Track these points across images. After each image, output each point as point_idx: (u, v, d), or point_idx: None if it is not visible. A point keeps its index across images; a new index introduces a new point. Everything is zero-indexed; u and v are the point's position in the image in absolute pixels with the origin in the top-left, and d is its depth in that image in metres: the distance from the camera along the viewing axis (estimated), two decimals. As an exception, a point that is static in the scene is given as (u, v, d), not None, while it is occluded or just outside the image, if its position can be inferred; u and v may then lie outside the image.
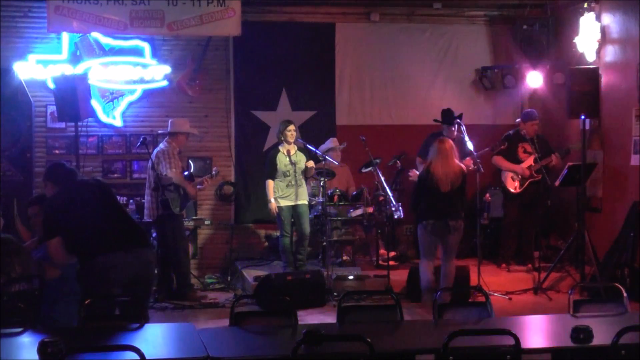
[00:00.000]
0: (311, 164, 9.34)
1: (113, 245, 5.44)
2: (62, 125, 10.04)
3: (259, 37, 10.57)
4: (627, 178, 9.48)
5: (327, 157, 9.40)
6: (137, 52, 10.28)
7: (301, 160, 9.36)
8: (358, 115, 11.06)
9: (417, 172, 9.11)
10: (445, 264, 8.29)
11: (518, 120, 10.24)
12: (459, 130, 9.24)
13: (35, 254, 5.78)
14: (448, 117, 9.58)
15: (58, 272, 5.61)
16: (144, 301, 5.63)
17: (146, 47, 10.29)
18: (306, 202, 9.39)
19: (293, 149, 9.36)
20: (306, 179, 9.44)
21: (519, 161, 9.98)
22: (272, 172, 9.25)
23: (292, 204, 9.29)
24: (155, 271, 7.73)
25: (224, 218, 10.73)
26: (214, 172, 9.66)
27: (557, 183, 9.16)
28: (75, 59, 10.06)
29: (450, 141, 8.42)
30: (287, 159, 9.27)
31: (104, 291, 5.32)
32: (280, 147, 9.37)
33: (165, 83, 10.35)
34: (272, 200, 9.20)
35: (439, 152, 8.19)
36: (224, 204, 10.76)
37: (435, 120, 9.72)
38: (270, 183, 9.25)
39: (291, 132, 9.32)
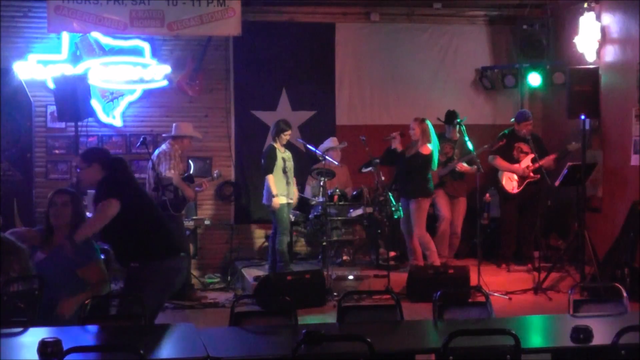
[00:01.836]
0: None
1: (179, 248, 5.51)
2: (62, 125, 10.04)
3: (259, 37, 10.57)
4: (627, 178, 9.48)
5: (327, 157, 9.41)
6: (137, 52, 10.27)
7: (290, 157, 9.38)
8: (358, 115, 11.05)
9: (465, 165, 9.72)
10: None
11: (512, 120, 10.25)
12: (460, 132, 9.35)
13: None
14: (449, 118, 9.64)
15: (73, 309, 5.34)
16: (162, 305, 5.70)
17: (146, 47, 10.29)
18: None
19: (283, 148, 9.38)
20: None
21: (515, 161, 9.98)
22: (271, 166, 9.19)
23: (288, 201, 9.30)
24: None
25: (224, 218, 10.73)
26: (215, 175, 9.52)
27: (557, 183, 9.16)
28: (75, 59, 10.05)
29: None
30: (281, 156, 9.28)
31: (165, 295, 5.37)
32: (275, 145, 9.36)
33: (165, 83, 10.34)
34: (276, 195, 9.16)
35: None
36: (224, 204, 10.76)
37: (439, 120, 9.79)
38: (271, 178, 9.17)
39: (287, 136, 9.34)
